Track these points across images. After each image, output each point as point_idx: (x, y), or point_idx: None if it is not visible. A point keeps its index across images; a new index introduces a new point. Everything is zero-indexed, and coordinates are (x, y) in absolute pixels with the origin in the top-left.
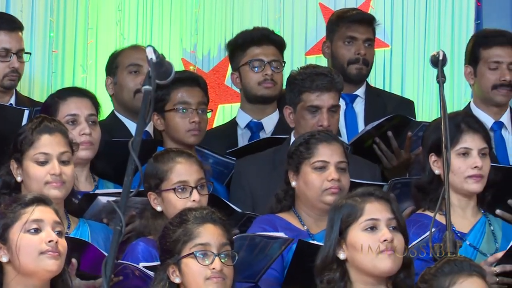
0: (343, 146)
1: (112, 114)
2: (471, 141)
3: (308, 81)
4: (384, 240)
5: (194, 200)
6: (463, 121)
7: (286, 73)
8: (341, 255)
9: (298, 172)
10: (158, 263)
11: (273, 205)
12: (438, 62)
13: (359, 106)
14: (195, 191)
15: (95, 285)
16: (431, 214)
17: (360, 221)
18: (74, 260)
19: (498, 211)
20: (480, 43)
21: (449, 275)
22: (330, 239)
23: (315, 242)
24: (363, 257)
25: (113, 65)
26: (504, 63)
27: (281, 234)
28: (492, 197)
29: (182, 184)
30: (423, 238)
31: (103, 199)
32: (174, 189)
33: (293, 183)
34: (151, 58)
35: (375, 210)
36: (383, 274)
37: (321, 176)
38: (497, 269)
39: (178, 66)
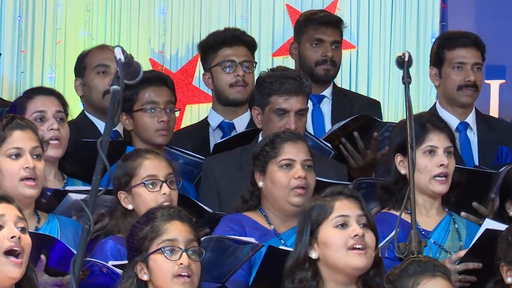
0: (308, 145)
1: (82, 113)
2: (437, 140)
3: (277, 84)
4: (355, 236)
5: (164, 194)
6: (429, 121)
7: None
8: (313, 254)
9: (265, 172)
10: (122, 262)
11: (238, 206)
12: (403, 63)
13: (326, 107)
14: (165, 184)
15: (63, 281)
16: (396, 213)
17: (330, 219)
18: (43, 257)
19: (463, 213)
20: (445, 45)
21: (413, 276)
22: (302, 241)
23: (285, 248)
24: (335, 254)
25: (81, 66)
26: (468, 64)
27: (251, 239)
28: (457, 198)
29: (152, 178)
30: (390, 237)
31: (74, 196)
32: (144, 184)
33: (260, 184)
34: (120, 58)
35: (345, 208)
36: (354, 271)
37: (287, 174)
38: (460, 267)
39: (146, 66)
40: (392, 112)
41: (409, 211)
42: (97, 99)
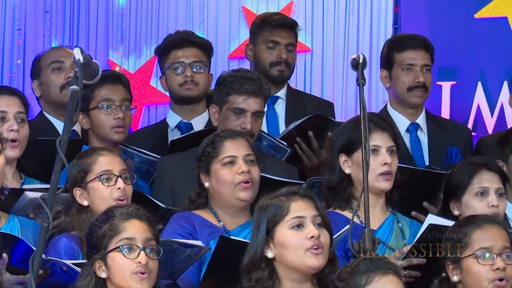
0: (248, 141)
1: (41, 114)
2: (379, 139)
3: (237, 83)
4: (311, 237)
5: (119, 188)
6: (371, 121)
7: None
8: (269, 254)
9: (209, 172)
10: (83, 260)
11: (186, 206)
12: (358, 65)
13: (280, 107)
14: (119, 179)
15: (25, 279)
16: (342, 212)
17: (286, 220)
18: (5, 255)
19: (413, 213)
20: (394, 47)
21: (365, 273)
22: (257, 238)
23: (236, 238)
24: (292, 255)
25: (37, 68)
26: (418, 65)
27: (197, 242)
28: (406, 198)
29: (107, 173)
30: (338, 235)
31: (30, 194)
32: (99, 179)
33: (206, 184)
34: (79, 59)
35: (300, 208)
36: (311, 270)
37: (231, 171)
38: (404, 262)
39: (104, 67)
40: (346, 114)
41: (353, 210)
42: (55, 95)
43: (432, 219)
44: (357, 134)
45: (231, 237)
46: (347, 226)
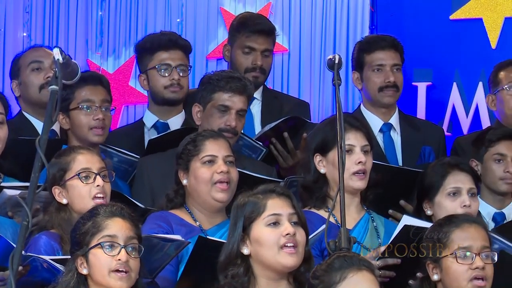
0: (229, 142)
1: (20, 113)
2: (354, 139)
3: (223, 81)
4: (287, 234)
5: (98, 185)
6: (345, 121)
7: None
8: (245, 251)
9: (188, 170)
10: (63, 256)
11: (163, 205)
12: (334, 65)
13: (256, 108)
14: (98, 177)
15: (4, 276)
16: (317, 212)
17: (263, 217)
18: None
19: (390, 211)
20: (364, 49)
21: (340, 270)
22: (234, 235)
23: (214, 238)
24: (267, 252)
25: (16, 68)
26: (387, 65)
27: (177, 237)
28: (383, 197)
29: (85, 171)
30: (314, 236)
31: (9, 192)
32: (78, 177)
33: (184, 181)
34: (58, 59)
35: (277, 206)
36: (285, 269)
37: (210, 170)
38: (379, 262)
39: (83, 67)
40: (322, 114)
41: (329, 209)
42: (34, 95)
43: (407, 220)
44: (331, 134)
45: (209, 237)
46: (323, 227)
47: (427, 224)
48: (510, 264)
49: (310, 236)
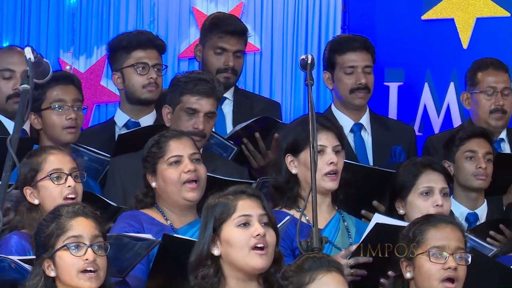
0: (193, 139)
1: None
2: (325, 139)
3: (191, 84)
4: (257, 235)
5: (69, 186)
6: (317, 121)
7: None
8: (215, 251)
9: (155, 172)
10: (32, 257)
11: (133, 205)
12: (306, 65)
13: (227, 108)
14: (69, 177)
15: None
16: (288, 211)
17: (233, 218)
18: None
19: (363, 212)
20: (335, 50)
21: (309, 271)
22: (205, 236)
23: (179, 236)
24: (237, 253)
25: None
26: (359, 67)
27: (148, 236)
28: (355, 197)
29: (57, 172)
30: (279, 226)
31: None
32: (49, 177)
33: (153, 184)
34: (29, 58)
35: (247, 207)
36: (255, 271)
37: (177, 170)
38: (351, 261)
39: (55, 66)
40: (294, 114)
41: (300, 209)
42: (0, 103)
43: (379, 218)
44: (303, 135)
45: (174, 235)
46: (287, 217)
47: (399, 223)
48: (481, 262)
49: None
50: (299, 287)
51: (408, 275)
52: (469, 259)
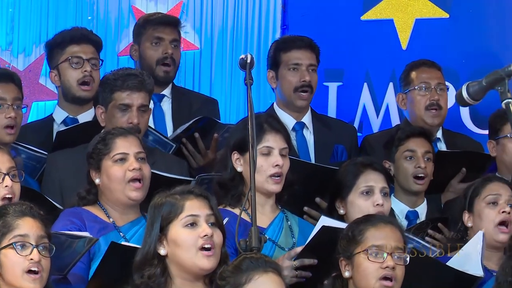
0: (139, 139)
1: None
2: (273, 141)
3: (120, 81)
4: (204, 236)
5: (6, 186)
6: (266, 122)
7: (101, 74)
8: (162, 251)
9: (100, 169)
10: None
11: (75, 203)
12: (246, 64)
13: (166, 105)
14: (7, 177)
15: None
16: (232, 210)
17: (180, 218)
18: None
19: (305, 208)
20: (280, 48)
21: (246, 272)
22: (151, 235)
23: (128, 244)
24: (184, 254)
25: None
26: (303, 65)
27: (85, 234)
28: (299, 194)
29: None
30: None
31: None
32: None
33: (97, 180)
34: None
35: (194, 207)
36: (201, 272)
37: (122, 168)
38: (297, 263)
39: None
40: (234, 113)
41: (244, 209)
42: None
43: (325, 221)
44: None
45: (122, 243)
46: (226, 219)
47: (345, 225)
48: (422, 262)
49: None
50: (236, 287)
51: (346, 274)
52: (408, 259)
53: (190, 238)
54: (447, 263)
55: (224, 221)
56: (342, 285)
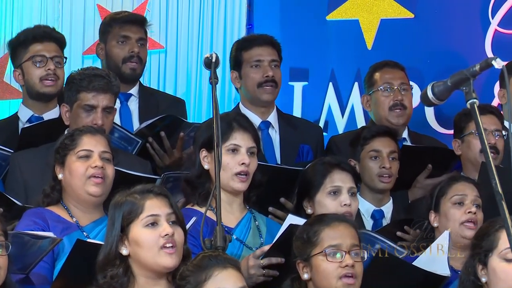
0: (108, 138)
1: None
2: (240, 139)
3: (86, 81)
4: (165, 235)
5: None
6: (235, 120)
7: (66, 72)
8: (124, 251)
9: (64, 164)
10: None
11: (40, 200)
12: (211, 64)
13: (133, 105)
14: None
15: None
16: (200, 209)
17: (141, 218)
18: None
19: (270, 208)
20: (241, 47)
21: (205, 269)
22: (112, 235)
23: (93, 241)
24: (146, 253)
25: None
26: (265, 61)
27: (49, 234)
28: (264, 194)
29: None
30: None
31: None
32: None
33: (60, 176)
34: None
35: (154, 206)
36: (164, 270)
37: (85, 164)
38: (264, 261)
39: None
40: (199, 112)
41: (211, 208)
42: None
43: (292, 219)
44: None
45: (88, 240)
46: (193, 218)
47: None
48: (389, 262)
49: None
50: (197, 285)
51: (305, 276)
52: (365, 255)
53: (151, 238)
54: (413, 263)
55: (192, 221)
56: (301, 287)
